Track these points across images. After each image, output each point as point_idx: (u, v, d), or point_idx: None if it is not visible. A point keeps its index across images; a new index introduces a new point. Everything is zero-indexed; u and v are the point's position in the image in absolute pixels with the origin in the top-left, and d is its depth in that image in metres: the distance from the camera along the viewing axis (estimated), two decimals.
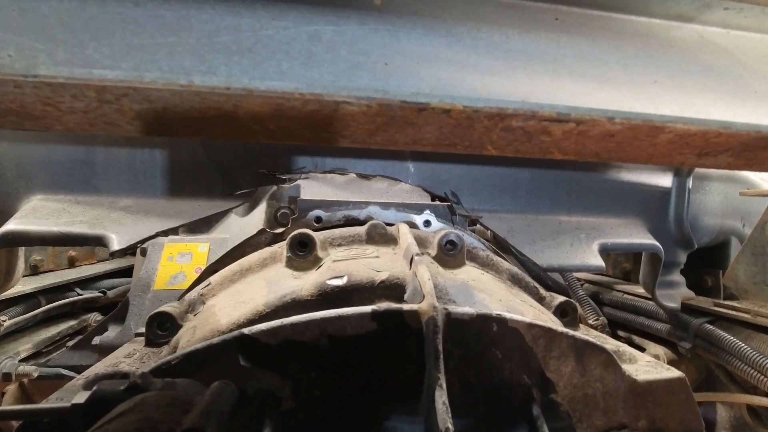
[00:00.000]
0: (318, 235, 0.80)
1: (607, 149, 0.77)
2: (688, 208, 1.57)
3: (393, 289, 0.65)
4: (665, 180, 1.56)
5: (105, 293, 2.07)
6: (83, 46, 0.57)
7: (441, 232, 0.83)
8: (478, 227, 1.32)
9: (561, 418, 0.55)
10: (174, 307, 0.75)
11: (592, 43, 0.72)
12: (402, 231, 0.83)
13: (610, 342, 0.78)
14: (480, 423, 0.52)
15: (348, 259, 0.74)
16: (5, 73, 0.54)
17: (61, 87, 0.56)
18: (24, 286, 1.72)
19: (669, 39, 0.75)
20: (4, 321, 1.57)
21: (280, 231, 1.05)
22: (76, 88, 0.56)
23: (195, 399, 0.40)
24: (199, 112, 0.63)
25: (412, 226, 0.97)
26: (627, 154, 0.79)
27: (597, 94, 0.69)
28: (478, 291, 0.70)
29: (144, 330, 0.75)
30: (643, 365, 0.66)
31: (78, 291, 1.98)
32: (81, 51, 0.56)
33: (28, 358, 1.62)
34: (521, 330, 0.54)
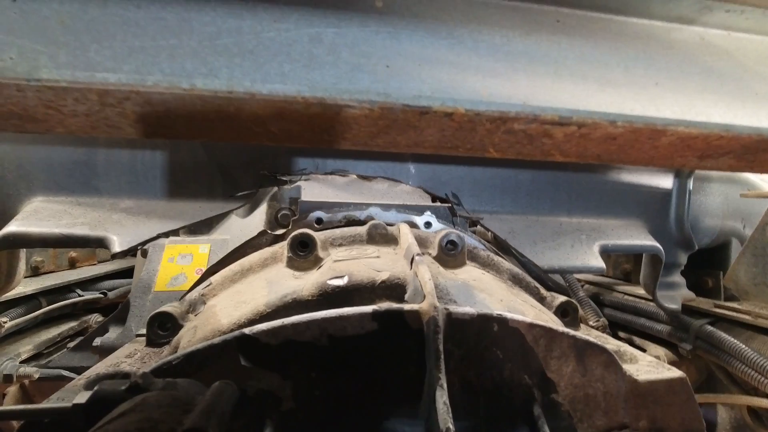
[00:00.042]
0: (319, 235, 0.80)
1: (609, 152, 0.77)
2: (688, 209, 1.57)
3: (394, 289, 0.65)
4: (666, 181, 1.56)
5: (106, 294, 2.07)
6: (85, 48, 0.57)
7: (442, 232, 0.83)
8: (478, 228, 1.32)
9: (562, 418, 0.55)
10: (175, 307, 0.76)
11: (593, 45, 0.72)
12: (403, 231, 0.83)
13: (611, 342, 0.78)
14: (481, 423, 0.52)
15: (349, 259, 0.74)
16: (7, 77, 0.54)
17: (64, 91, 0.56)
18: (25, 287, 1.72)
19: (670, 41, 0.75)
20: (5, 322, 1.57)
21: (281, 232, 1.05)
22: (78, 91, 0.56)
23: (196, 399, 0.40)
24: (201, 114, 0.63)
25: (412, 226, 0.97)
26: (628, 156, 0.79)
27: (598, 96, 0.69)
28: (478, 291, 0.70)
29: (145, 331, 0.76)
30: (644, 365, 0.66)
31: (79, 292, 1.98)
32: (83, 53, 0.56)
33: (29, 359, 1.62)
34: (522, 330, 0.54)
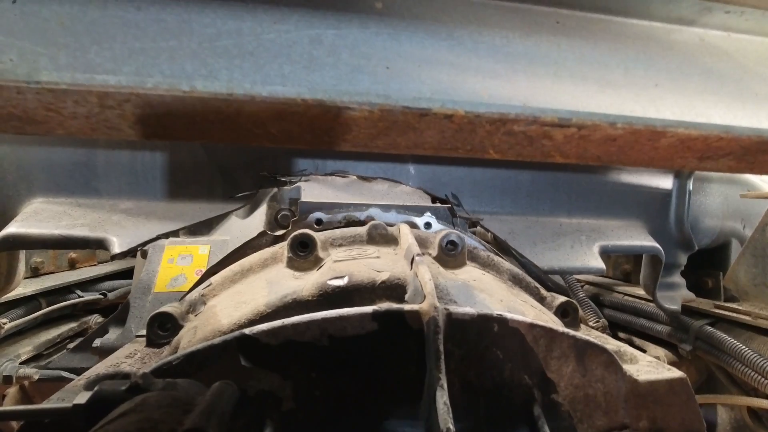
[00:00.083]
0: (319, 236, 0.80)
1: (609, 153, 0.77)
2: (688, 209, 1.57)
3: (394, 290, 0.65)
4: (666, 182, 1.56)
5: (105, 295, 2.07)
6: (85, 50, 0.56)
7: (442, 232, 0.83)
8: (478, 229, 1.32)
9: (562, 418, 0.55)
10: (175, 308, 0.75)
11: (593, 47, 0.72)
12: (403, 231, 0.83)
13: (611, 342, 0.78)
14: (481, 423, 0.52)
15: (349, 260, 0.74)
16: (7, 79, 0.54)
17: (63, 93, 0.56)
18: (24, 288, 1.72)
19: (670, 42, 0.76)
20: (4, 323, 1.57)
21: (280, 233, 1.05)
22: (78, 93, 0.56)
23: (196, 399, 0.40)
24: (201, 116, 0.63)
25: (412, 227, 0.97)
26: (628, 157, 0.79)
27: (598, 97, 0.69)
28: (479, 291, 0.70)
29: (145, 332, 0.76)
30: (644, 365, 0.66)
31: (78, 293, 1.98)
32: (83, 55, 0.56)
33: (28, 360, 1.62)
34: (522, 330, 0.54)
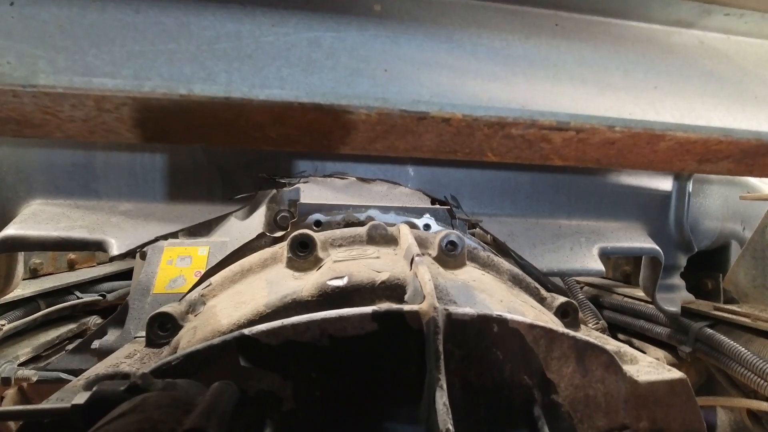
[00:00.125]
0: (318, 236, 0.80)
1: (608, 156, 0.77)
2: (688, 211, 1.57)
3: (394, 290, 0.65)
4: (665, 183, 1.56)
5: (104, 296, 2.07)
6: (83, 53, 0.56)
7: (442, 232, 0.83)
8: (478, 231, 1.32)
9: (562, 418, 0.55)
10: (174, 308, 0.75)
11: (592, 49, 0.72)
12: (403, 232, 0.83)
13: (611, 343, 0.78)
14: (481, 424, 0.52)
15: (348, 260, 0.74)
16: (5, 83, 0.54)
17: (61, 96, 0.56)
18: (23, 289, 1.72)
19: (669, 45, 0.76)
20: (3, 325, 1.57)
21: (279, 234, 1.05)
22: (75, 97, 0.56)
23: (196, 399, 0.40)
24: (199, 119, 0.63)
25: (412, 227, 0.97)
26: (627, 160, 0.79)
27: (597, 99, 0.69)
28: (478, 291, 0.70)
29: (144, 333, 0.75)
30: (645, 366, 0.66)
31: (77, 294, 1.98)
32: (81, 58, 0.56)
33: (27, 362, 1.62)
34: (522, 331, 0.54)
